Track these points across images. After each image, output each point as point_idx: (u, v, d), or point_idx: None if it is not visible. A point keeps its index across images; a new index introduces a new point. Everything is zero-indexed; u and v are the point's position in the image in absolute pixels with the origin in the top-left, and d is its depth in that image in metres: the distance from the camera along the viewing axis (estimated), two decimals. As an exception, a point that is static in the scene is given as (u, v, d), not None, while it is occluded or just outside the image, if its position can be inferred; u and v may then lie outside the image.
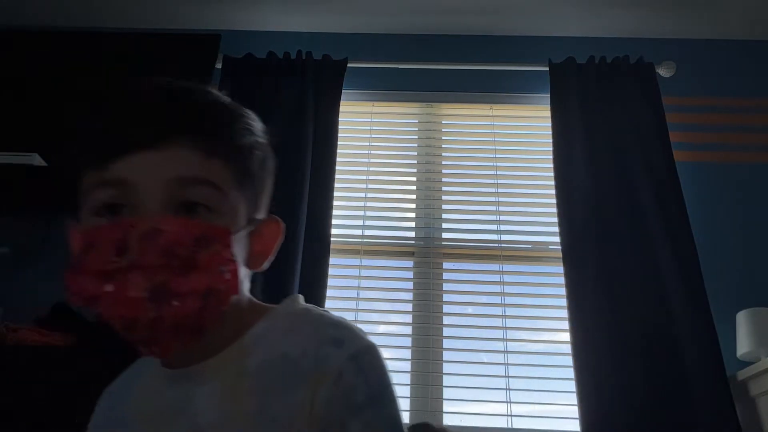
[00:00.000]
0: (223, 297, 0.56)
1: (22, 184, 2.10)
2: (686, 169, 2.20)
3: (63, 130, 2.24)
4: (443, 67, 2.49)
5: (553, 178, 2.18)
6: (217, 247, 0.55)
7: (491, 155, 2.42)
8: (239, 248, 0.58)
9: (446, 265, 2.25)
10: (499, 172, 2.39)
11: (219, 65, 2.39)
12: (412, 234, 2.31)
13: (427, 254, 2.26)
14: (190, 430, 0.57)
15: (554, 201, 2.15)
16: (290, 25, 2.60)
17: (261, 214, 0.64)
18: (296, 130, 2.19)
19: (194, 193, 0.56)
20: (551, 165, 2.21)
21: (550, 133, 2.26)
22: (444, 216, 2.33)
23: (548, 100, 2.32)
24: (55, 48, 2.44)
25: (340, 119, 2.27)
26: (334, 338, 0.59)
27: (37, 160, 2.03)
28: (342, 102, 2.31)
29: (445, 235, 2.30)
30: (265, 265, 0.65)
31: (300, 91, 2.29)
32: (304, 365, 0.57)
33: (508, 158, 2.43)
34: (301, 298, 0.66)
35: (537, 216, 2.33)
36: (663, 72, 2.39)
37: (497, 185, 2.36)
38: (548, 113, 2.30)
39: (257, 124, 0.64)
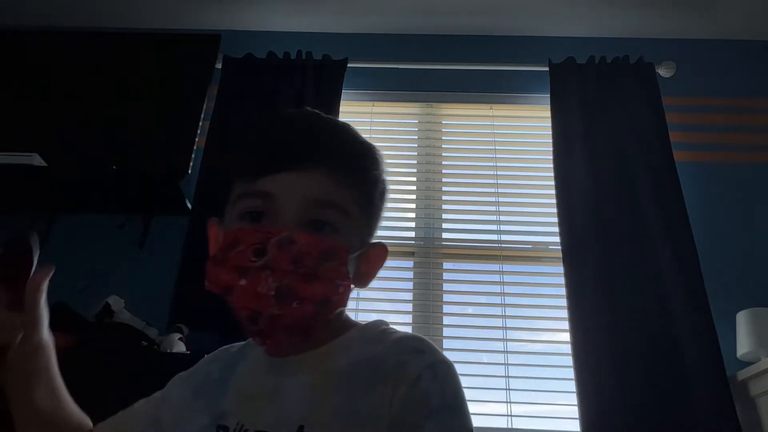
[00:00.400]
0: (333, 307, 0.64)
1: (22, 184, 2.09)
2: (686, 169, 2.20)
3: (65, 131, 2.23)
4: (443, 67, 2.49)
5: (553, 178, 2.18)
6: (337, 263, 0.62)
7: (491, 155, 2.42)
8: (351, 267, 0.65)
9: (446, 265, 2.25)
10: (499, 172, 2.39)
11: (219, 65, 2.39)
12: (412, 234, 2.31)
13: (427, 254, 2.26)
14: (278, 415, 0.63)
15: (554, 201, 2.15)
16: (290, 25, 2.60)
17: (372, 239, 0.72)
18: (296, 130, 2.19)
19: (324, 213, 0.64)
20: (551, 165, 2.21)
21: (550, 133, 2.26)
22: (444, 216, 2.33)
23: (548, 100, 2.32)
24: (55, 48, 2.44)
25: (340, 119, 2.26)
26: (414, 348, 0.65)
27: (37, 160, 2.03)
28: (342, 102, 2.31)
29: (445, 235, 2.30)
30: (368, 284, 0.72)
31: (300, 91, 2.29)
32: (386, 368, 0.62)
33: (508, 158, 2.43)
34: (385, 322, 0.73)
35: (537, 216, 2.33)
36: (663, 72, 2.39)
37: (497, 185, 2.36)
38: (548, 113, 2.30)
39: (382, 160, 0.74)
